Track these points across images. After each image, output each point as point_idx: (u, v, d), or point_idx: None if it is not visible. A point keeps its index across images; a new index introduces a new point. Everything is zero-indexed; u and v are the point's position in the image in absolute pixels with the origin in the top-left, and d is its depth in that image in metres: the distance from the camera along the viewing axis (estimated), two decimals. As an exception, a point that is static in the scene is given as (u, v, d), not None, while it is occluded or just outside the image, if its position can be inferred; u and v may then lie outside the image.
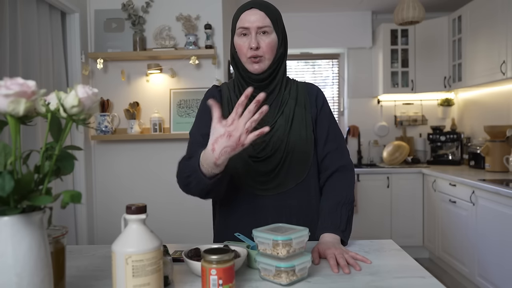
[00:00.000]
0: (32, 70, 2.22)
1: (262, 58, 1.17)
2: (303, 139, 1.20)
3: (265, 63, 1.17)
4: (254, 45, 1.14)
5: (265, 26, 1.15)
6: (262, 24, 1.15)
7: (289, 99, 1.24)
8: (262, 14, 1.15)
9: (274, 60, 1.19)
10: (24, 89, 0.62)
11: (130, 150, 2.89)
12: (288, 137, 1.19)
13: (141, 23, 2.80)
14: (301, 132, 1.21)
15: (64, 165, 0.69)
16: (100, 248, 1.19)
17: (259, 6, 1.17)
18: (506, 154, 3.21)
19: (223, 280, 0.78)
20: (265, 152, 1.19)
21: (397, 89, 4.11)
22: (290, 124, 1.21)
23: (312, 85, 1.32)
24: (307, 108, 1.25)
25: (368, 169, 3.87)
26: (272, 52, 1.17)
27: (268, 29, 1.16)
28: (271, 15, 1.17)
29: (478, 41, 3.37)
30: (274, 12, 1.19)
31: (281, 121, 1.21)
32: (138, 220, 0.75)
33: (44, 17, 2.36)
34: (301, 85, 1.29)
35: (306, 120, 1.23)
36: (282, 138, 1.19)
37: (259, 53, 1.16)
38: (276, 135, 1.19)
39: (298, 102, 1.25)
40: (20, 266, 0.62)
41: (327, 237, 1.12)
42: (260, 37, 1.16)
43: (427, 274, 0.93)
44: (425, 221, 3.80)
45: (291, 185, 1.20)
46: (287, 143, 1.19)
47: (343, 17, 4.34)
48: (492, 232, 2.70)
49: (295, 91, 1.27)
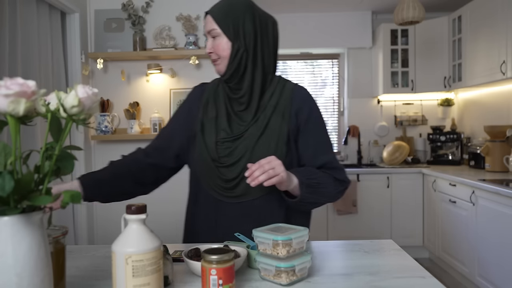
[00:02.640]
0: (31, 70, 2.22)
1: (219, 59, 1.18)
2: (271, 151, 1.14)
3: (221, 65, 1.18)
4: (207, 50, 1.18)
5: (212, 29, 1.16)
6: (210, 28, 1.17)
7: (267, 106, 1.18)
8: (210, 19, 1.17)
9: (230, 60, 1.16)
10: (24, 89, 0.62)
11: (130, 150, 2.85)
12: (254, 147, 1.15)
13: (141, 23, 2.80)
14: (270, 144, 1.15)
15: (64, 165, 0.69)
16: (100, 248, 1.19)
17: (210, 11, 1.18)
18: (506, 154, 3.21)
19: (223, 280, 0.78)
20: (229, 158, 1.16)
21: (397, 89, 4.11)
22: (260, 133, 1.16)
23: (301, 90, 1.23)
24: (285, 117, 1.17)
25: (368, 169, 3.87)
26: (224, 52, 1.16)
27: (216, 32, 1.16)
28: (217, 16, 1.15)
29: (478, 41, 3.37)
30: (222, 11, 1.15)
31: (253, 129, 1.17)
32: (138, 220, 0.75)
33: (44, 17, 2.36)
34: (288, 89, 1.21)
35: (280, 131, 1.16)
36: (247, 147, 1.15)
37: (213, 56, 1.18)
38: (243, 144, 1.16)
39: (277, 109, 1.18)
40: (20, 266, 0.62)
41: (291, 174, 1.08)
42: (213, 40, 1.18)
43: (427, 274, 0.93)
44: (425, 221, 3.80)
45: (255, 195, 1.15)
46: (252, 154, 1.14)
47: (343, 17, 4.34)
48: (492, 232, 2.70)
49: (278, 95, 1.19)
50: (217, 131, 1.19)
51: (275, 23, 1.21)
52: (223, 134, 1.18)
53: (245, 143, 1.16)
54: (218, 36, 1.16)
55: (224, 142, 1.17)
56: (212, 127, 1.20)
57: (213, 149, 1.17)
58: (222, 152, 1.17)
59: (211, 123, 1.20)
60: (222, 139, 1.18)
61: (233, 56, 1.15)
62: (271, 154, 1.14)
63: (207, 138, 1.19)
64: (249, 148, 1.15)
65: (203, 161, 1.18)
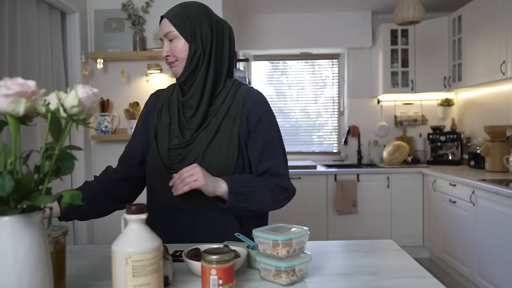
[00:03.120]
0: (31, 70, 2.22)
1: (176, 62, 1.17)
2: (222, 156, 1.14)
3: (179, 66, 1.17)
4: (164, 53, 1.18)
5: (168, 32, 1.16)
6: (167, 31, 1.16)
7: (218, 111, 1.17)
8: (166, 22, 1.16)
9: (187, 62, 1.15)
10: (24, 89, 0.62)
11: (130, 150, 2.88)
12: (204, 153, 1.14)
13: (141, 23, 2.80)
14: (222, 148, 1.14)
15: (64, 165, 0.69)
16: (100, 248, 1.19)
17: (166, 14, 1.17)
18: (506, 154, 3.21)
19: (223, 280, 0.78)
20: (181, 165, 1.14)
21: (397, 89, 4.11)
22: (211, 138, 1.15)
23: (253, 94, 1.21)
24: (236, 122, 1.16)
25: (368, 169, 3.87)
26: (181, 54, 1.15)
27: (173, 34, 1.15)
28: (174, 19, 1.15)
29: (478, 41, 3.37)
30: (179, 15, 1.15)
31: (203, 134, 1.16)
32: (138, 220, 0.75)
33: (43, 17, 2.36)
34: (241, 93, 1.20)
35: (231, 136, 1.15)
36: (198, 154, 1.14)
37: (170, 59, 1.18)
38: (194, 150, 1.15)
39: (228, 114, 1.17)
40: (20, 266, 0.62)
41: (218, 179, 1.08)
42: (170, 43, 1.17)
43: (427, 274, 0.93)
44: (425, 221, 3.80)
45: (203, 203, 1.14)
46: (202, 160, 1.14)
47: (343, 17, 4.34)
48: (492, 232, 2.70)
49: (230, 99, 1.18)
50: (170, 138, 1.19)
51: (231, 29, 1.23)
52: (176, 141, 1.18)
53: (196, 149, 1.15)
54: (175, 38, 1.16)
55: (176, 149, 1.17)
56: (165, 134, 1.20)
57: (166, 155, 1.17)
58: (174, 158, 1.17)
59: (164, 129, 1.21)
60: (174, 145, 1.18)
61: (190, 58, 1.15)
62: (222, 159, 1.14)
63: (160, 145, 1.20)
64: (200, 153, 1.15)
65: (156, 168, 1.18)
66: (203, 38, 1.16)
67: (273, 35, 4.36)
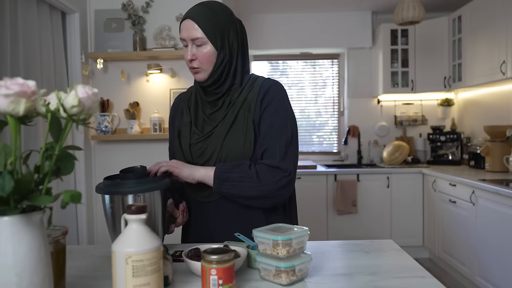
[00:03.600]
0: (32, 70, 2.22)
1: (200, 69, 1.16)
2: (240, 144, 1.15)
3: (204, 73, 1.16)
4: (189, 57, 1.14)
5: (197, 38, 1.12)
6: (194, 36, 1.12)
7: (235, 102, 1.19)
8: (194, 26, 1.12)
9: (214, 69, 1.16)
10: (24, 89, 0.62)
11: (130, 150, 2.89)
12: (222, 143, 1.16)
13: (141, 23, 2.80)
14: (239, 137, 1.15)
15: (64, 165, 0.69)
16: (100, 248, 1.19)
17: (192, 16, 1.12)
18: (506, 154, 3.21)
19: (223, 280, 0.78)
20: (200, 158, 1.19)
21: (397, 89, 4.11)
22: (228, 129, 1.17)
23: (268, 82, 1.20)
24: (251, 110, 1.17)
25: (368, 169, 3.87)
26: (209, 62, 1.14)
27: (202, 40, 1.12)
28: (204, 25, 1.12)
29: (478, 41, 3.37)
30: (209, 20, 1.13)
31: (220, 126, 1.18)
32: (138, 220, 0.75)
33: (44, 17, 2.36)
34: (257, 83, 1.20)
35: (247, 124, 1.16)
36: (216, 145, 1.17)
37: (195, 64, 1.15)
38: (212, 142, 1.18)
39: (244, 104, 1.18)
40: (20, 266, 0.62)
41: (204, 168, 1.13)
42: (196, 48, 1.14)
43: (427, 274, 0.93)
44: (425, 221, 3.80)
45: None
46: (220, 151, 1.16)
47: (343, 17, 4.34)
48: (492, 232, 2.70)
49: (246, 91, 1.20)
50: (191, 134, 1.23)
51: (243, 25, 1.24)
52: (196, 136, 1.22)
53: (214, 141, 1.18)
54: (204, 45, 1.14)
55: (197, 143, 1.21)
56: (187, 131, 1.24)
57: (188, 151, 1.21)
58: (195, 153, 1.21)
59: (186, 127, 1.24)
60: (195, 140, 1.21)
61: (218, 66, 1.15)
62: (240, 147, 1.14)
63: (182, 142, 1.24)
64: (218, 145, 1.17)
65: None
66: (230, 45, 1.17)
67: (273, 35, 4.36)
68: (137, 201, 0.98)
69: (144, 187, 0.97)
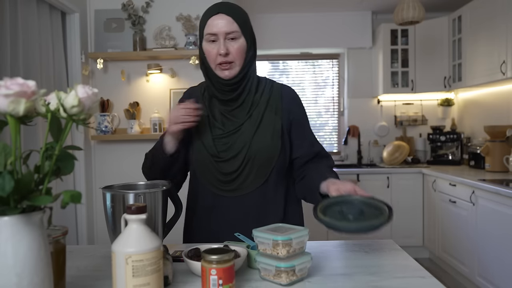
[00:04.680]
0: (32, 70, 2.22)
1: (233, 64, 1.16)
2: (267, 144, 1.19)
3: (235, 69, 1.17)
4: (223, 51, 1.13)
5: (233, 31, 1.14)
6: (230, 30, 1.13)
7: (260, 102, 1.22)
8: (229, 19, 1.13)
9: (244, 64, 1.18)
10: (24, 89, 0.62)
11: (130, 150, 2.89)
12: (251, 141, 1.19)
13: (141, 23, 2.80)
14: (266, 137, 1.19)
15: (64, 165, 0.69)
16: (100, 248, 1.19)
17: (225, 10, 1.14)
18: (506, 154, 3.21)
19: (223, 280, 0.78)
20: (227, 153, 1.20)
21: (397, 89, 4.11)
22: (256, 128, 1.20)
23: (289, 89, 1.29)
24: (277, 113, 1.23)
25: (368, 169, 3.87)
26: (242, 57, 1.17)
27: (236, 34, 1.15)
28: (238, 19, 1.15)
29: (478, 41, 3.37)
30: (241, 15, 1.16)
31: (248, 124, 1.20)
32: (138, 220, 0.75)
33: (44, 17, 2.36)
34: (277, 88, 1.27)
35: (275, 125, 1.21)
36: (245, 141, 1.19)
37: (229, 59, 1.15)
38: (240, 138, 1.20)
39: (269, 105, 1.23)
40: (20, 266, 0.62)
41: (333, 179, 1.14)
42: (229, 42, 1.15)
43: (427, 274, 0.93)
44: (425, 221, 3.80)
45: (250, 188, 1.19)
46: (250, 147, 1.18)
47: (343, 17, 4.34)
48: (492, 232, 2.70)
49: (268, 93, 1.24)
50: (211, 129, 1.22)
51: None
52: (218, 131, 1.22)
53: (242, 138, 1.19)
54: (238, 38, 1.15)
55: (221, 138, 1.21)
56: (206, 126, 1.23)
57: (211, 145, 1.21)
58: (220, 147, 1.20)
59: (203, 122, 1.23)
60: (218, 135, 1.21)
61: (247, 61, 1.18)
62: (268, 146, 1.19)
63: (203, 136, 1.23)
64: (247, 142, 1.19)
65: (202, 157, 1.21)
66: (253, 39, 1.22)
67: (273, 35, 4.36)
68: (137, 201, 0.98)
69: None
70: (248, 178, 1.18)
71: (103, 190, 1.01)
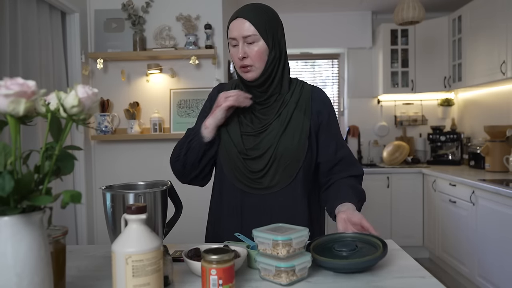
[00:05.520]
0: (32, 70, 2.22)
1: (252, 67, 1.17)
2: (294, 144, 1.19)
3: (256, 71, 1.18)
4: (240, 55, 1.16)
5: (250, 35, 1.15)
6: (247, 34, 1.15)
7: (289, 102, 1.23)
8: (246, 23, 1.15)
9: (266, 67, 1.18)
10: (24, 89, 0.62)
11: (130, 150, 2.89)
12: (279, 140, 1.19)
13: (141, 23, 2.80)
14: (294, 137, 1.20)
15: (64, 165, 0.69)
16: (100, 248, 1.19)
17: (243, 14, 1.16)
18: (506, 154, 3.21)
19: (223, 280, 0.78)
20: (255, 152, 1.20)
21: (397, 89, 4.11)
22: (284, 127, 1.20)
23: (319, 90, 1.30)
24: (306, 114, 1.23)
25: (368, 169, 3.87)
26: (261, 60, 1.17)
27: (254, 37, 1.15)
28: (256, 22, 1.15)
29: (478, 41, 3.37)
30: (261, 18, 1.16)
31: (276, 123, 1.21)
32: (138, 220, 0.75)
33: (44, 17, 2.36)
34: (307, 88, 1.28)
35: (303, 126, 1.22)
36: (273, 140, 1.19)
37: (247, 62, 1.17)
38: (268, 137, 1.20)
39: (298, 106, 1.23)
40: (20, 266, 0.62)
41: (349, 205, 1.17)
42: (248, 46, 1.16)
43: (427, 274, 0.93)
44: (425, 221, 3.80)
45: (276, 188, 1.20)
46: (277, 147, 1.19)
47: (343, 17, 4.34)
48: (492, 232, 2.70)
49: (298, 93, 1.25)
50: (240, 126, 1.23)
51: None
52: (247, 129, 1.22)
53: (269, 137, 1.20)
54: (256, 42, 1.16)
55: (249, 136, 1.22)
56: (234, 122, 1.24)
57: (239, 142, 1.21)
58: (248, 145, 1.21)
59: (232, 118, 1.24)
60: (246, 133, 1.22)
61: (270, 63, 1.18)
62: (294, 146, 1.20)
63: (231, 132, 1.23)
64: (275, 141, 1.19)
65: (229, 154, 1.22)
66: (280, 43, 1.21)
67: (273, 35, 4.35)
68: (137, 201, 0.98)
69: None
70: (275, 177, 1.19)
71: (103, 190, 1.01)
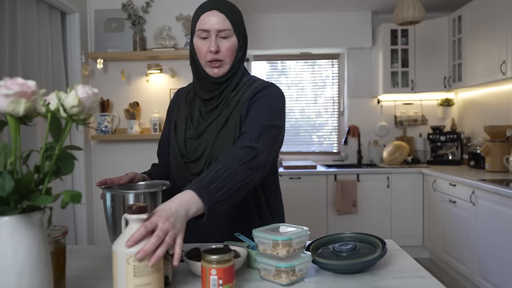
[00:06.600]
0: (31, 70, 2.22)
1: (222, 62, 1.14)
2: (230, 144, 1.14)
3: (225, 67, 1.15)
4: (213, 48, 1.11)
5: (225, 29, 1.11)
6: (222, 28, 1.11)
7: (230, 102, 1.18)
8: (222, 17, 1.11)
9: (234, 63, 1.16)
10: (24, 89, 0.62)
11: (130, 150, 2.89)
12: (214, 141, 1.16)
13: (141, 23, 2.80)
14: (229, 137, 1.15)
15: (64, 165, 0.69)
16: (100, 248, 1.19)
17: (220, 7, 1.12)
18: (506, 154, 3.21)
19: (223, 280, 0.78)
20: (194, 154, 1.18)
21: (397, 89, 4.11)
22: (221, 127, 1.16)
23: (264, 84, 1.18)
24: (241, 110, 1.16)
25: (368, 169, 3.87)
26: (232, 55, 1.15)
27: (228, 32, 1.12)
28: (232, 17, 1.13)
29: (478, 41, 3.37)
30: (235, 14, 1.14)
31: (214, 124, 1.17)
32: (139, 220, 0.75)
33: (44, 17, 2.36)
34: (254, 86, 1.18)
35: (239, 123, 1.15)
36: (208, 142, 1.16)
37: (219, 57, 1.13)
38: (205, 139, 1.18)
39: (238, 104, 1.17)
40: (20, 266, 0.62)
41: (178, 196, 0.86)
42: (220, 40, 1.13)
43: (427, 274, 0.93)
44: (425, 221, 3.80)
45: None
46: (213, 148, 1.15)
47: (343, 17, 4.34)
48: (492, 232, 2.70)
49: (243, 92, 1.18)
50: (187, 129, 1.23)
51: None
52: (191, 131, 1.22)
53: (206, 138, 1.18)
54: (230, 37, 1.13)
55: (191, 139, 1.21)
56: (182, 125, 1.23)
57: (182, 145, 1.21)
58: (189, 148, 1.20)
59: (182, 121, 1.24)
60: (189, 135, 1.21)
61: (237, 61, 1.17)
62: (231, 145, 1.13)
63: (178, 135, 1.23)
64: (210, 142, 1.16)
65: (175, 157, 1.23)
66: (245, 39, 1.19)
67: (273, 35, 4.36)
68: (137, 201, 0.98)
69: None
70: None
71: (103, 190, 1.01)
